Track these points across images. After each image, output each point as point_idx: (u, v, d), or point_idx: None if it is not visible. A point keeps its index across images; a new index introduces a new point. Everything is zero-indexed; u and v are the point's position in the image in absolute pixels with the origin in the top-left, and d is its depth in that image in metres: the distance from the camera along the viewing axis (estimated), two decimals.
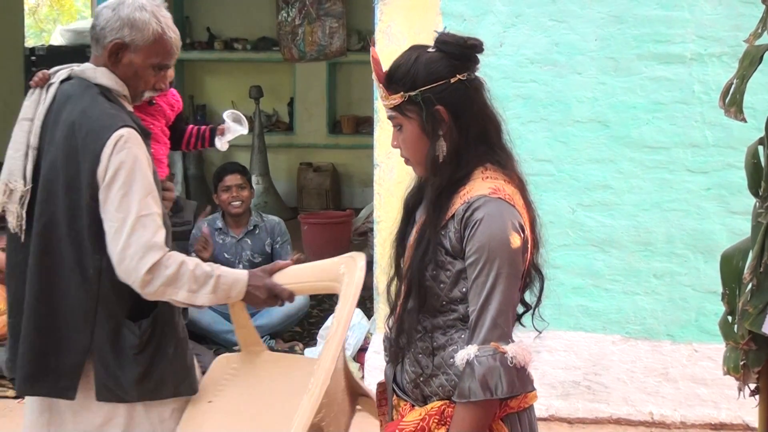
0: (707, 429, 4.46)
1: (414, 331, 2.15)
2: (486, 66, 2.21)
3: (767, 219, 2.44)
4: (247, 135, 4.10)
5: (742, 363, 2.53)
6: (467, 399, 2.02)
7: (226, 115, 3.98)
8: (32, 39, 15.60)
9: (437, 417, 2.09)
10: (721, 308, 2.65)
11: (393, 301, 2.24)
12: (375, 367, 4.56)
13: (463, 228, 2.06)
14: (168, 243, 2.40)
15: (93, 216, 2.36)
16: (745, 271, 2.51)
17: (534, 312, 2.24)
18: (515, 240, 2.04)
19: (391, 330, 2.23)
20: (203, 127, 4.07)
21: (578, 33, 4.53)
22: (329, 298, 6.43)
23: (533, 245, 2.15)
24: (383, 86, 2.16)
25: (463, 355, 2.02)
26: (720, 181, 4.49)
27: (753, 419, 2.99)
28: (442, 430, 2.08)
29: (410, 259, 2.16)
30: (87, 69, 2.51)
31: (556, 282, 4.11)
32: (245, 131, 3.96)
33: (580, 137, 4.57)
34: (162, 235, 2.36)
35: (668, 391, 4.52)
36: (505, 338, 2.04)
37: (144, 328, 2.42)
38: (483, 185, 2.09)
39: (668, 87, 4.51)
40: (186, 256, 2.39)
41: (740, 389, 2.60)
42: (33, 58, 9.70)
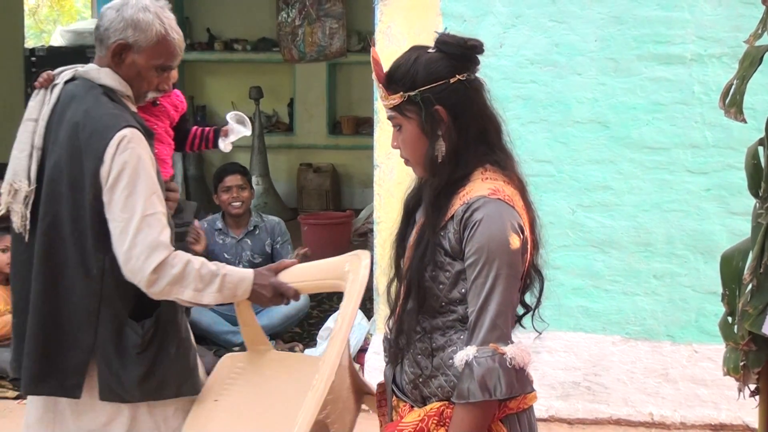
0: (707, 430, 4.45)
1: (413, 332, 2.15)
2: (486, 67, 2.21)
3: (767, 220, 2.44)
4: (247, 136, 4.12)
5: (742, 364, 2.53)
6: (466, 400, 2.02)
7: (230, 117, 4.00)
8: (32, 40, 15.61)
9: (436, 418, 2.08)
10: (721, 309, 2.65)
11: (393, 302, 2.24)
12: (375, 368, 4.56)
13: (463, 229, 2.06)
14: (171, 243, 2.41)
15: (96, 215, 2.36)
16: (745, 272, 2.51)
17: (534, 313, 2.24)
18: (514, 241, 2.04)
19: (391, 331, 2.23)
20: (207, 129, 4.09)
21: (578, 34, 4.53)
22: (329, 299, 6.43)
23: (533, 246, 2.15)
24: (383, 86, 2.16)
25: (462, 356, 2.02)
26: (720, 182, 4.49)
27: (753, 420, 2.99)
28: (441, 431, 2.08)
29: (410, 260, 2.16)
30: (91, 69, 2.52)
31: (556, 283, 4.10)
32: (248, 132, 3.98)
33: (580, 138, 4.57)
34: (167, 234, 2.37)
35: (668, 392, 4.51)
36: (504, 339, 2.03)
37: (147, 328, 2.42)
38: (482, 186, 2.09)
39: (668, 88, 4.51)
40: (192, 256, 2.40)
41: (740, 390, 2.60)
42: (33, 59, 9.70)
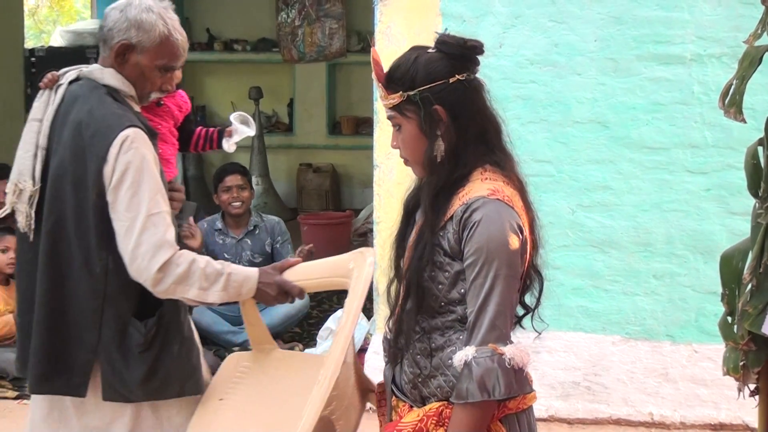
0: (707, 429, 4.45)
1: (412, 332, 2.15)
2: (486, 67, 2.21)
3: (767, 219, 2.44)
4: (251, 136, 4.14)
5: (742, 363, 2.53)
6: (465, 400, 2.02)
7: (234, 117, 4.01)
8: (32, 40, 15.59)
9: (435, 418, 2.08)
10: (721, 309, 2.65)
11: (393, 302, 2.24)
12: (375, 368, 4.55)
13: (462, 229, 2.06)
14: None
15: (99, 215, 2.37)
16: (745, 272, 2.51)
17: (534, 313, 2.24)
18: (514, 241, 2.04)
19: (390, 331, 2.23)
20: (211, 129, 4.11)
21: (578, 34, 4.53)
22: (329, 299, 6.43)
23: (533, 247, 2.15)
24: (383, 86, 2.16)
25: (461, 357, 2.02)
26: (720, 182, 4.49)
27: (753, 419, 2.99)
28: (440, 431, 2.08)
29: (409, 260, 2.16)
30: (95, 70, 2.53)
31: (556, 283, 4.10)
32: (253, 132, 4.00)
33: (580, 138, 4.57)
34: (172, 233, 2.38)
35: (668, 392, 4.52)
36: (503, 339, 2.03)
37: (149, 327, 2.43)
38: (482, 186, 2.09)
39: (668, 88, 4.51)
40: (197, 254, 2.41)
41: (740, 390, 2.60)
42: (33, 59, 9.70)
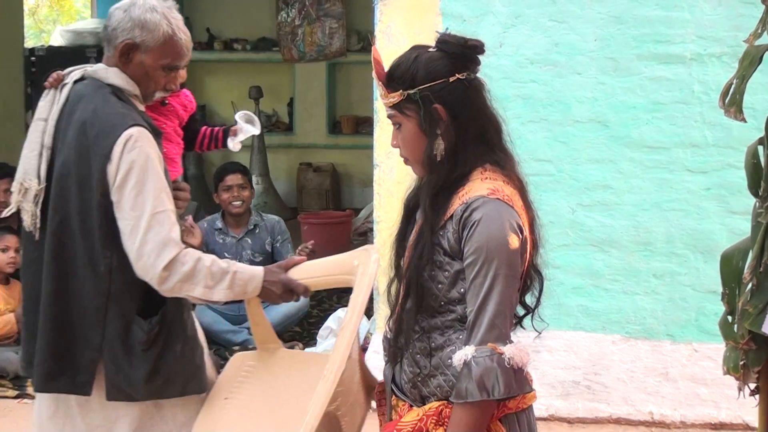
0: (707, 429, 4.45)
1: (412, 332, 2.15)
2: (486, 66, 2.21)
3: (767, 219, 2.44)
4: (255, 135, 4.14)
5: (742, 363, 2.53)
6: (464, 400, 2.02)
7: (239, 116, 4.02)
8: (32, 40, 15.59)
9: (435, 417, 2.08)
10: (721, 308, 2.65)
11: (393, 302, 2.24)
12: (375, 368, 4.52)
13: (462, 228, 2.06)
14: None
15: (104, 214, 2.38)
16: (745, 271, 2.51)
17: (534, 312, 2.24)
18: (513, 241, 2.04)
19: (390, 330, 2.23)
20: (216, 128, 4.12)
21: (578, 33, 4.53)
22: (329, 299, 6.43)
23: (533, 246, 2.15)
24: (383, 85, 2.16)
25: (461, 356, 2.02)
26: (720, 181, 4.49)
27: (753, 419, 2.99)
28: (440, 431, 2.08)
29: (409, 260, 2.16)
30: (99, 69, 2.54)
31: (556, 282, 4.10)
32: (257, 131, 4.01)
33: (580, 137, 4.57)
34: (177, 232, 2.39)
35: (668, 391, 4.52)
36: (503, 339, 2.03)
37: (152, 325, 2.43)
38: (482, 186, 2.09)
39: (668, 87, 4.51)
40: (202, 253, 2.42)
41: (740, 389, 2.59)
42: (33, 59, 9.71)
